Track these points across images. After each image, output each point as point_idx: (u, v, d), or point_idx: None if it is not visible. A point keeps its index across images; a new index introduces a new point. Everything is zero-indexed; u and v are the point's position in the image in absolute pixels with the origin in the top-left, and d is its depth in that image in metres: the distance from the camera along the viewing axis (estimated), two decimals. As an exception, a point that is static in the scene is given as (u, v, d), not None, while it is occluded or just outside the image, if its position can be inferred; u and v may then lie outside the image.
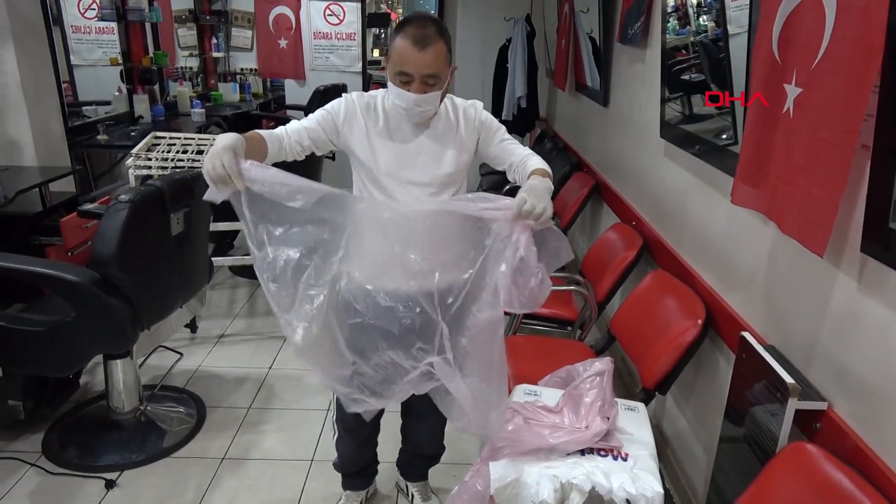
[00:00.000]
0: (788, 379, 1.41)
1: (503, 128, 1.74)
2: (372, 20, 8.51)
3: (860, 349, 1.31)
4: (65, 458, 2.34)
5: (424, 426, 2.03)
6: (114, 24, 4.54)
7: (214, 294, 3.81)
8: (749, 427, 1.57)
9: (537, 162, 1.62)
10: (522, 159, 1.66)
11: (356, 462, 2.07)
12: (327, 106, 1.66)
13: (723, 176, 1.92)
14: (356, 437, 2.00)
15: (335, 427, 2.00)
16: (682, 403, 2.23)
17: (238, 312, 3.61)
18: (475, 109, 1.72)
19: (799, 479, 1.30)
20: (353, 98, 1.65)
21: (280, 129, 1.62)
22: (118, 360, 2.43)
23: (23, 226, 2.93)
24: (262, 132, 1.55)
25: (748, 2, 1.72)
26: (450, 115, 1.68)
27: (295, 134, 1.62)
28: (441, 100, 1.61)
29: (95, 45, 4.68)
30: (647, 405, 1.87)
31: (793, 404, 1.39)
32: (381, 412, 1.95)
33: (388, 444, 2.15)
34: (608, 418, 1.62)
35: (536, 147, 5.07)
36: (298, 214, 1.45)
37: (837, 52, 1.23)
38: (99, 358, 2.46)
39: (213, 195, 1.39)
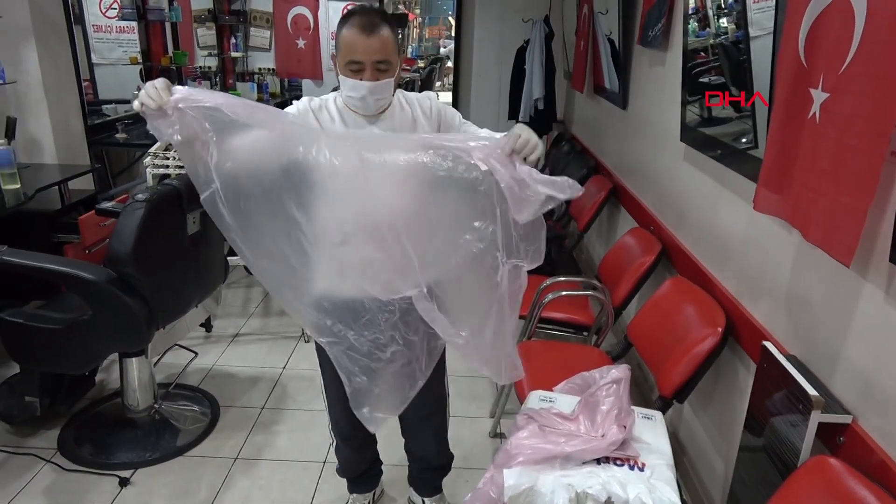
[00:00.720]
0: (812, 391, 1.38)
1: (459, 113, 1.72)
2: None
3: (887, 362, 1.27)
4: (80, 455, 2.36)
5: (426, 438, 2.00)
6: (134, 24, 4.58)
7: (229, 293, 3.83)
8: (769, 438, 1.54)
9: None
10: (488, 135, 1.57)
11: (358, 466, 2.07)
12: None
13: (744, 180, 1.88)
14: (352, 444, 1.99)
15: (331, 435, 2.00)
16: (700, 412, 2.20)
17: (253, 312, 3.62)
18: (430, 100, 1.70)
19: (822, 494, 1.27)
20: (305, 101, 1.62)
21: None
22: (133, 359, 2.44)
23: (42, 223, 2.97)
24: None
25: (772, 4, 1.69)
26: (404, 107, 1.65)
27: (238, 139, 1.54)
28: (393, 91, 1.59)
29: (116, 44, 4.73)
30: (664, 414, 1.84)
31: (816, 417, 1.36)
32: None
33: (392, 444, 2.13)
34: (625, 427, 1.59)
35: (554, 149, 5.04)
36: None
37: (867, 55, 1.20)
38: (114, 356, 2.47)
39: (157, 125, 1.36)
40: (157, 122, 1.37)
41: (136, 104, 1.36)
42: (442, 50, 10.52)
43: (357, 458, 2.05)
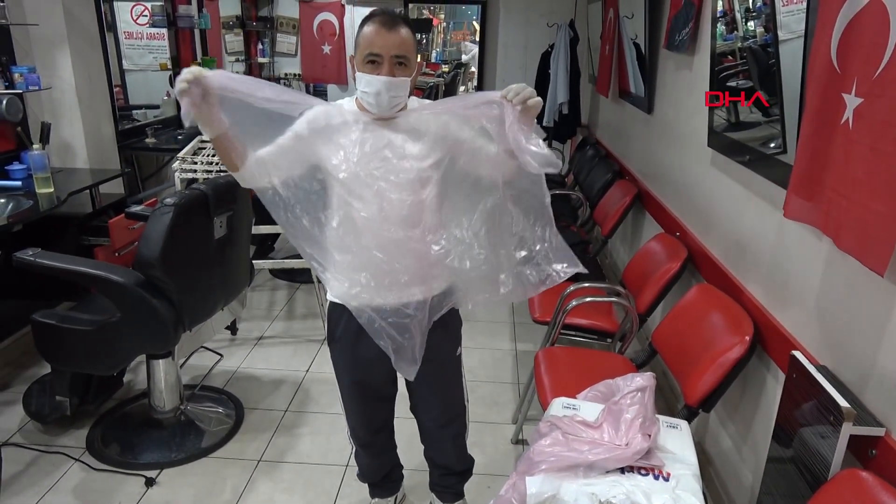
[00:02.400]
0: (843, 402, 1.35)
1: None
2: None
3: (922, 374, 1.24)
4: (107, 455, 2.40)
5: (445, 445, 1.99)
6: (164, 31, 4.67)
7: (254, 296, 3.87)
8: (798, 449, 1.51)
9: None
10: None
11: (378, 472, 2.07)
12: (294, 125, 1.58)
13: (773, 187, 1.85)
14: (371, 450, 2.00)
15: (350, 441, 2.01)
16: (727, 421, 2.16)
17: (277, 315, 3.65)
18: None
19: (853, 508, 1.24)
20: (318, 108, 1.59)
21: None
22: (160, 360, 2.48)
23: (74, 226, 3.03)
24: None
25: (803, 7, 1.66)
26: (417, 112, 1.62)
27: (265, 147, 1.58)
28: (409, 93, 1.56)
29: (146, 51, 4.81)
30: (689, 423, 1.81)
31: (847, 429, 1.33)
32: (391, 424, 1.95)
33: (413, 448, 2.12)
34: (649, 436, 1.57)
35: (578, 153, 5.01)
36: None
37: (902, 60, 1.17)
38: (142, 357, 2.51)
39: (187, 109, 1.41)
40: (192, 109, 1.42)
41: (176, 88, 1.39)
42: (464, 57, 10.49)
43: (376, 464, 2.05)
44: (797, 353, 1.57)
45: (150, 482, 2.26)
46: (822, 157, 1.44)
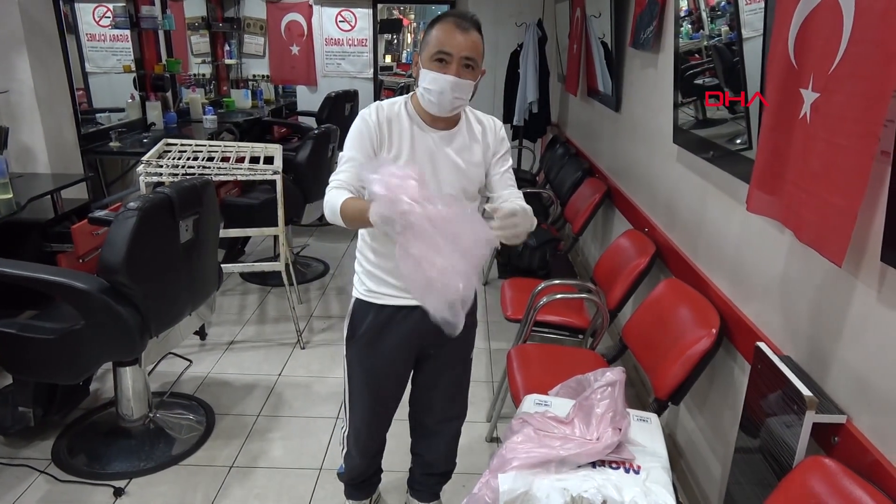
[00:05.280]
0: (805, 391, 1.38)
1: (510, 156, 1.75)
2: (384, 26, 8.54)
3: (881, 361, 1.27)
4: (74, 466, 2.34)
5: (441, 441, 2.01)
6: (127, 32, 4.58)
7: (225, 300, 3.82)
8: (765, 439, 1.53)
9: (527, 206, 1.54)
10: (511, 195, 1.66)
11: (365, 472, 2.06)
12: (354, 137, 1.59)
13: (737, 182, 1.89)
14: (369, 451, 1.98)
15: (344, 443, 1.98)
16: (696, 414, 2.19)
17: (248, 319, 3.60)
18: (496, 123, 1.72)
19: (817, 493, 1.26)
20: (373, 115, 1.59)
21: (343, 183, 1.55)
22: (127, 368, 2.43)
23: (35, 233, 2.95)
24: (347, 194, 1.51)
25: (763, 5, 1.69)
26: (472, 126, 1.68)
27: (358, 181, 1.54)
28: (470, 97, 1.59)
29: (109, 53, 4.73)
30: (659, 416, 1.83)
31: (810, 417, 1.36)
32: (389, 425, 1.95)
33: (390, 450, 2.12)
34: (620, 430, 1.58)
35: (548, 152, 5.05)
36: None
37: (856, 55, 1.20)
38: (109, 365, 2.46)
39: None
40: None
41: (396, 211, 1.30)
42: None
43: (367, 465, 2.03)
44: (762, 345, 1.60)
45: (118, 492, 2.21)
46: (782, 152, 1.47)
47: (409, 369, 1.85)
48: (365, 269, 1.72)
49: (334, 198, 1.51)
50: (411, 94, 1.65)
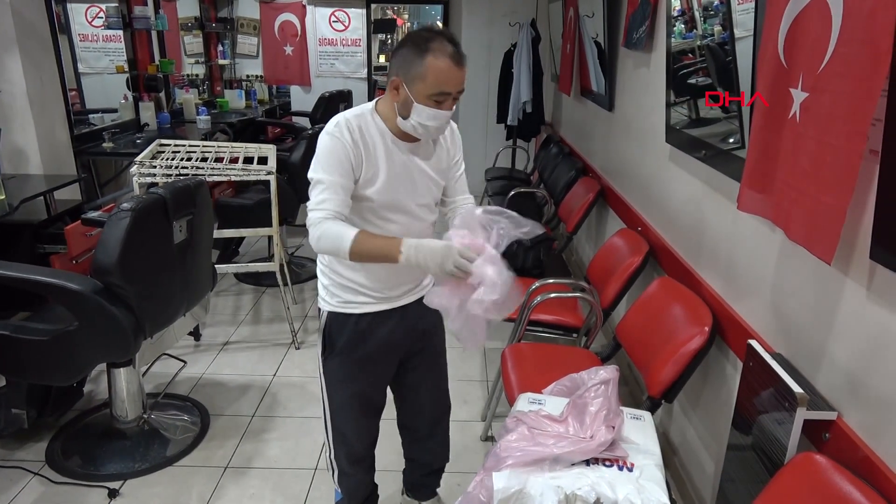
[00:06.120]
0: (796, 388, 1.39)
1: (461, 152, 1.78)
2: (378, 26, 8.54)
3: (870, 358, 1.28)
4: (68, 468, 2.34)
5: (436, 440, 2.01)
6: (120, 33, 4.57)
7: (219, 301, 3.81)
8: (757, 436, 1.55)
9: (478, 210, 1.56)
10: (466, 200, 1.76)
11: (367, 489, 2.00)
12: (329, 159, 1.52)
13: (729, 181, 1.90)
14: (364, 465, 1.94)
15: (333, 466, 1.90)
16: (690, 411, 2.20)
17: (243, 319, 3.60)
18: (453, 128, 1.71)
19: (808, 490, 1.28)
20: (346, 135, 1.53)
21: (332, 213, 1.51)
22: (121, 369, 2.42)
23: (27, 234, 2.94)
24: (349, 227, 1.49)
25: (753, 5, 1.70)
26: (435, 144, 1.68)
27: (345, 207, 1.53)
28: None
29: (102, 53, 4.71)
30: (653, 413, 1.84)
31: (801, 414, 1.37)
32: (377, 434, 1.93)
33: (390, 452, 2.13)
34: (613, 427, 1.59)
35: (542, 151, 5.05)
36: None
37: (844, 55, 1.21)
38: (103, 366, 2.45)
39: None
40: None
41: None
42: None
43: (365, 481, 1.99)
44: (753, 342, 1.62)
45: (113, 493, 2.21)
46: (773, 151, 1.48)
47: (392, 373, 1.84)
48: (336, 282, 1.68)
49: (336, 232, 1.47)
50: (374, 104, 1.60)
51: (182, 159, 3.03)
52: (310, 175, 1.54)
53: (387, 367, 1.81)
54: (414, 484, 2.11)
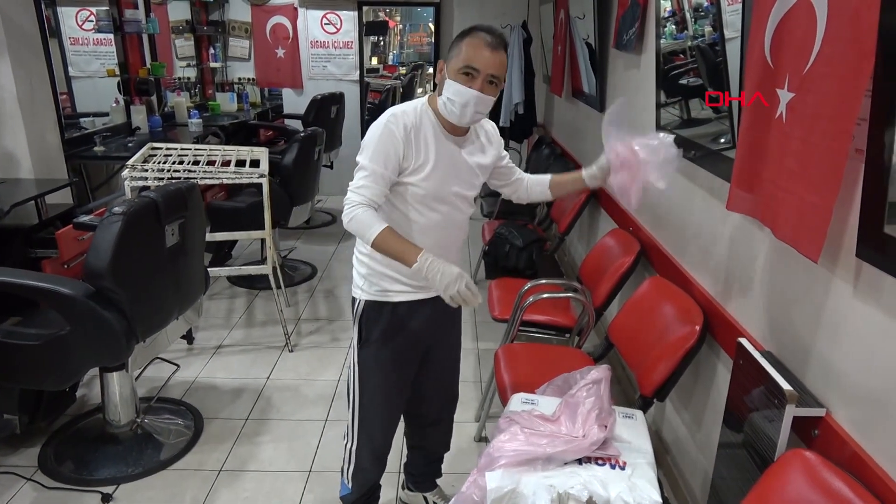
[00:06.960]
0: (786, 385, 1.40)
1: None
2: (369, 28, 8.55)
3: (857, 355, 1.30)
4: (61, 473, 2.33)
5: (444, 428, 2.08)
6: (111, 36, 4.55)
7: (212, 304, 3.80)
8: (748, 433, 1.56)
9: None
10: (523, 174, 1.96)
11: (375, 483, 2.00)
12: (378, 147, 1.59)
13: (719, 181, 1.91)
14: (383, 460, 1.94)
15: (351, 460, 1.89)
16: (682, 410, 2.22)
17: (236, 323, 3.60)
18: (493, 126, 1.84)
19: (798, 486, 1.29)
20: (400, 126, 1.59)
21: (368, 199, 1.58)
22: (114, 373, 2.42)
23: (18, 239, 2.93)
24: (380, 220, 1.56)
25: (741, 6, 1.72)
26: (479, 131, 1.78)
27: (381, 197, 1.61)
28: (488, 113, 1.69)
29: (93, 57, 4.69)
30: (645, 412, 1.85)
31: (790, 411, 1.38)
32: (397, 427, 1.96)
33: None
34: (606, 426, 1.60)
35: (534, 152, 5.07)
36: None
37: (829, 56, 1.23)
38: (95, 370, 2.45)
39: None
40: None
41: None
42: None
43: (378, 476, 1.98)
44: (743, 340, 1.63)
45: (106, 498, 2.20)
46: (760, 150, 1.50)
47: (417, 365, 1.87)
48: (374, 270, 1.72)
49: (366, 220, 1.55)
50: (426, 98, 1.68)
51: (174, 163, 3.03)
52: (357, 158, 1.63)
53: (415, 357, 1.85)
54: (418, 474, 2.14)
